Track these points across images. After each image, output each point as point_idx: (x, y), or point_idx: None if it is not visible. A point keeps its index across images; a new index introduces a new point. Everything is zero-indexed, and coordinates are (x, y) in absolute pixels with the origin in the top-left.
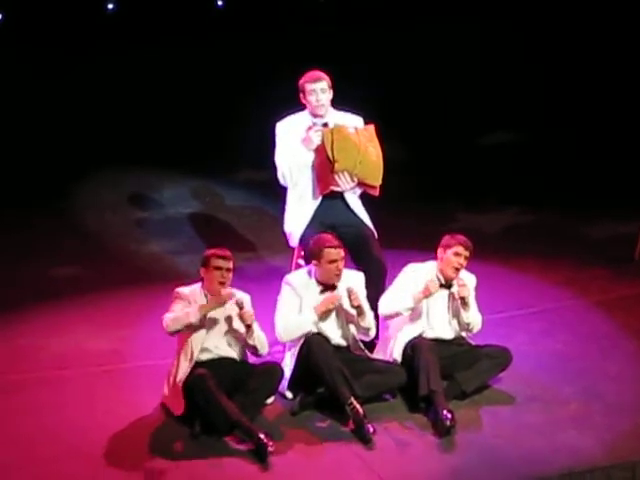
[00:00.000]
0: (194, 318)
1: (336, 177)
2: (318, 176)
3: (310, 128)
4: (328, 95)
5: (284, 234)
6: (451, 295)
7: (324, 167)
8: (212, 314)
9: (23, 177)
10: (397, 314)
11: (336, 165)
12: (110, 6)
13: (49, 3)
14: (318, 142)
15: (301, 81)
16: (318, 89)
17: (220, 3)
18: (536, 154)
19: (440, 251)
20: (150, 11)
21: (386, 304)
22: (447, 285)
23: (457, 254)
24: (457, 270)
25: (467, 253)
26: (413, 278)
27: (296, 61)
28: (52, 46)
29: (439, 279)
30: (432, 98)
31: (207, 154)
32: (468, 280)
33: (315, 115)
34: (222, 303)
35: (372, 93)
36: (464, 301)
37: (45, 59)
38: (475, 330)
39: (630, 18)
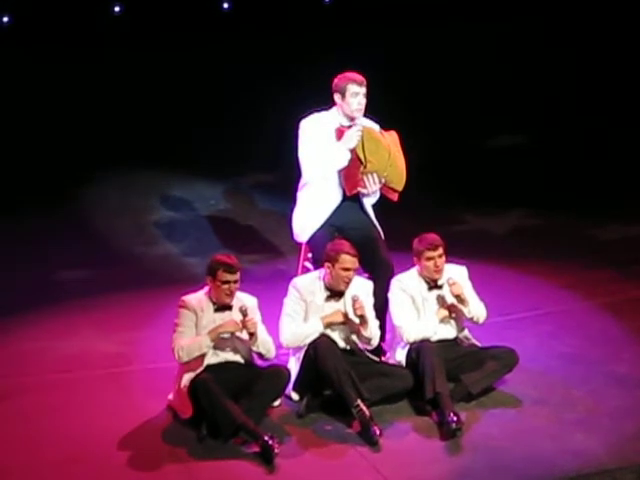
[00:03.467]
0: (206, 347)
1: (364, 178)
2: (346, 176)
3: (341, 130)
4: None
5: (291, 233)
6: (441, 298)
7: (353, 167)
8: (213, 325)
9: (30, 179)
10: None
11: (368, 165)
12: (117, 8)
13: (56, 5)
14: (358, 141)
15: (342, 82)
16: (362, 93)
17: (226, 5)
18: (543, 156)
19: (415, 259)
20: (156, 13)
21: (412, 332)
22: (437, 285)
23: (429, 259)
24: (437, 271)
25: (438, 252)
26: (403, 291)
27: (303, 63)
28: (59, 48)
29: (426, 282)
30: (439, 100)
31: (214, 156)
32: (458, 273)
33: (350, 117)
34: (232, 330)
35: (377, 95)
36: (460, 298)
37: (52, 61)
38: (482, 321)
39: (633, 18)
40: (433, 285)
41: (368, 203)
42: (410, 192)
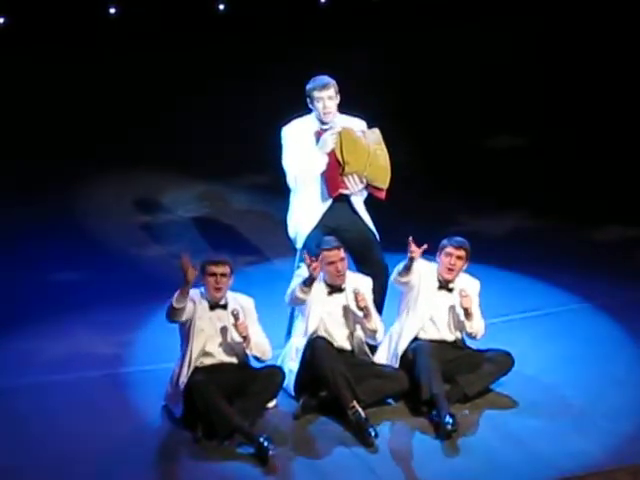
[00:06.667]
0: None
1: (345, 180)
2: (327, 179)
3: (319, 133)
4: (335, 101)
5: (288, 237)
6: (450, 304)
7: (334, 170)
8: (209, 322)
9: (27, 180)
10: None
11: (346, 167)
12: (112, 10)
13: (52, 6)
14: (333, 145)
15: (308, 87)
16: (325, 97)
17: (222, 7)
18: (541, 157)
19: (437, 254)
20: (152, 14)
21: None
22: (447, 287)
23: (448, 254)
24: (450, 270)
25: (459, 253)
26: (419, 270)
27: (299, 64)
28: (54, 49)
29: (439, 281)
30: (438, 100)
31: (209, 157)
32: (471, 286)
33: (321, 121)
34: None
35: (377, 95)
36: (467, 312)
37: (47, 62)
38: (478, 337)
39: (634, 18)
40: (444, 285)
41: (358, 202)
42: (408, 192)
